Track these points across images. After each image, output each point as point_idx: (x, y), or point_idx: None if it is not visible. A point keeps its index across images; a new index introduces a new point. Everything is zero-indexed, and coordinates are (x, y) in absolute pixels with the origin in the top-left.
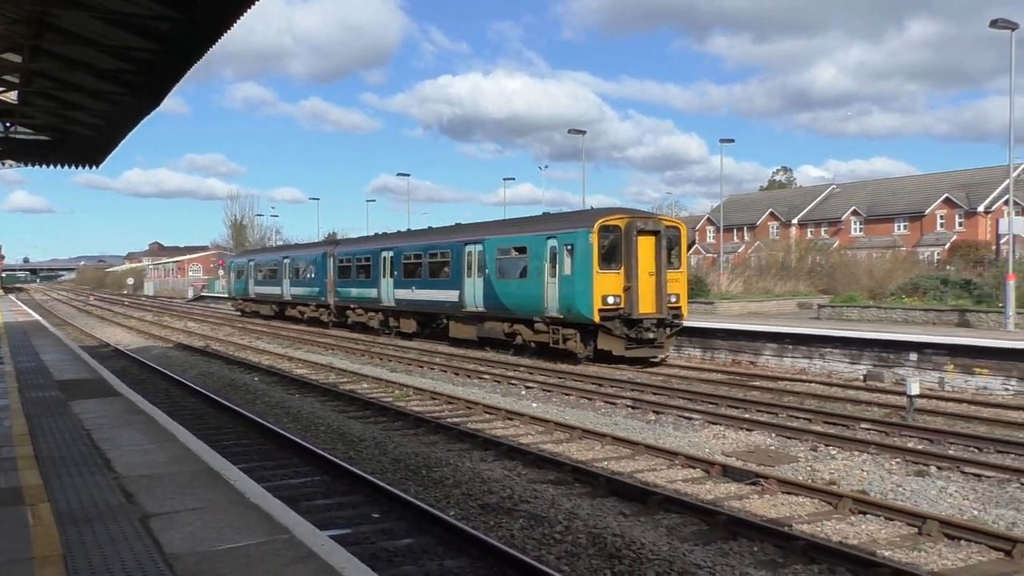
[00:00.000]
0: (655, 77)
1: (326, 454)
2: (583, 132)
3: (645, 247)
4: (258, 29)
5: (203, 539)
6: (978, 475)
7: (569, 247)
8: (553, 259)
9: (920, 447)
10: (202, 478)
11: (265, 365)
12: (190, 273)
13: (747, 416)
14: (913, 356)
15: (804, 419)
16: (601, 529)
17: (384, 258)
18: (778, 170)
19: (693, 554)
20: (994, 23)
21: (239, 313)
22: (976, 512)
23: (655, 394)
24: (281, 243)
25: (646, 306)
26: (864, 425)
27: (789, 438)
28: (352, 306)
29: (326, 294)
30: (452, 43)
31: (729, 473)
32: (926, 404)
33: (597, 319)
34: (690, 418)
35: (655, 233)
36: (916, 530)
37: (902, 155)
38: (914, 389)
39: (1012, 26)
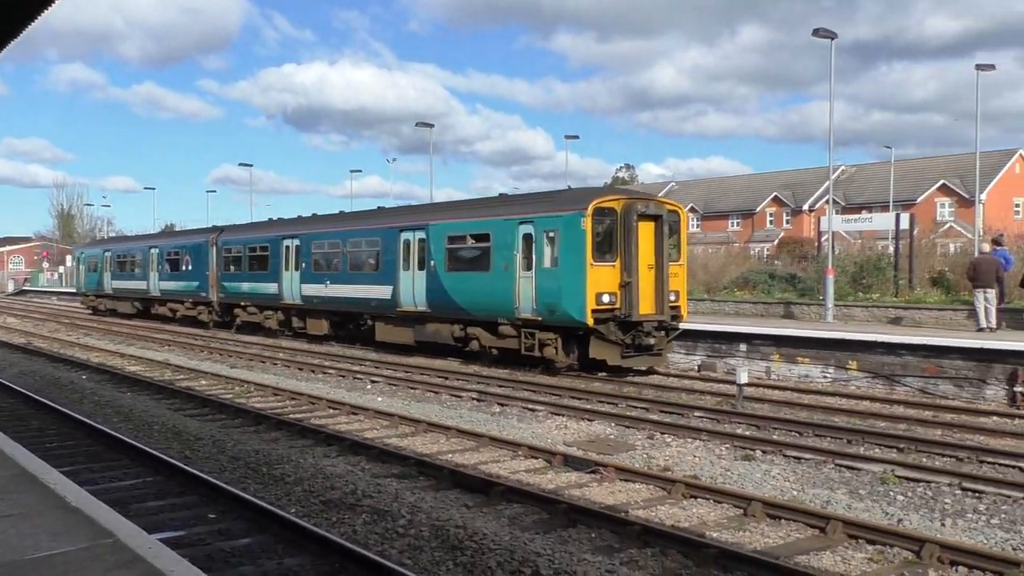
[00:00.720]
0: (503, 72)
1: (159, 454)
2: (431, 125)
3: (645, 235)
4: (84, 7)
5: (15, 547)
6: (798, 458)
7: (551, 234)
8: (528, 248)
9: (748, 433)
10: (18, 483)
11: (95, 363)
12: (10, 266)
13: (588, 407)
14: (743, 347)
15: (642, 409)
16: (444, 521)
17: (287, 247)
18: (621, 167)
19: (534, 543)
20: (816, 32)
21: (90, 312)
22: (795, 492)
23: (500, 386)
24: (115, 235)
25: (646, 306)
26: (697, 413)
27: (628, 427)
28: (243, 303)
29: (207, 289)
30: (296, 30)
31: (570, 462)
32: (754, 392)
33: (591, 322)
34: (534, 410)
35: (656, 218)
36: (742, 511)
37: (736, 155)
38: (743, 378)
39: (832, 35)
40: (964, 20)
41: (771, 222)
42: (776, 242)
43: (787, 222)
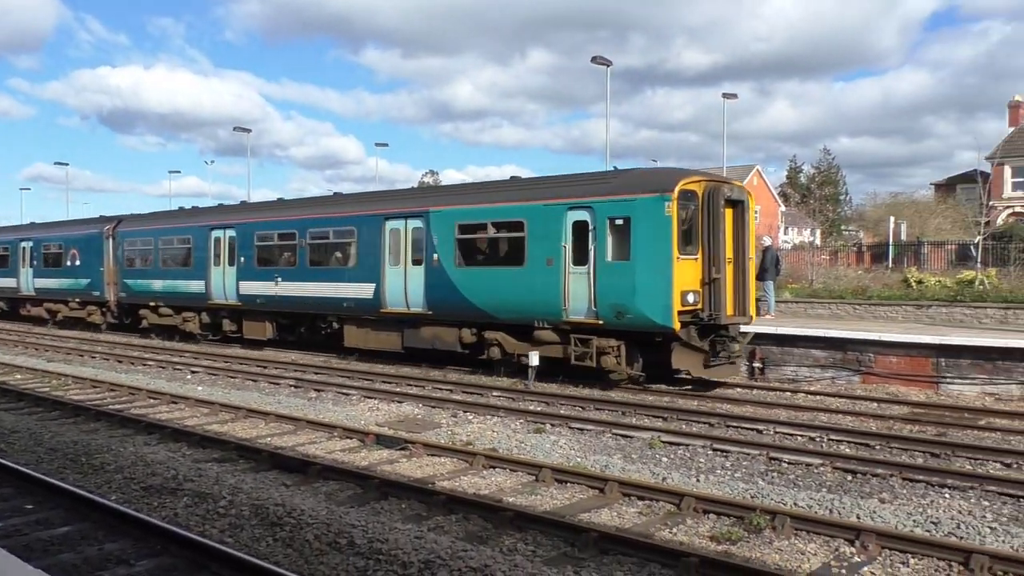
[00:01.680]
0: (315, 82)
1: None
2: (248, 130)
3: (727, 223)
4: None
5: None
6: (581, 429)
7: (618, 222)
8: (582, 239)
9: (539, 409)
10: None
11: None
12: None
13: (399, 390)
14: None
15: (447, 390)
16: (264, 500)
17: (218, 240)
18: (426, 172)
19: (349, 515)
20: (594, 59)
21: None
22: (579, 459)
23: (316, 374)
24: None
25: (729, 307)
26: (496, 393)
27: (434, 407)
28: (153, 304)
29: (102, 287)
30: (110, 34)
31: (382, 441)
32: (546, 369)
33: (677, 325)
34: (348, 394)
35: (736, 204)
36: (534, 478)
37: (527, 163)
38: (534, 360)
39: (607, 63)
40: (713, 55)
41: None
42: None
43: None
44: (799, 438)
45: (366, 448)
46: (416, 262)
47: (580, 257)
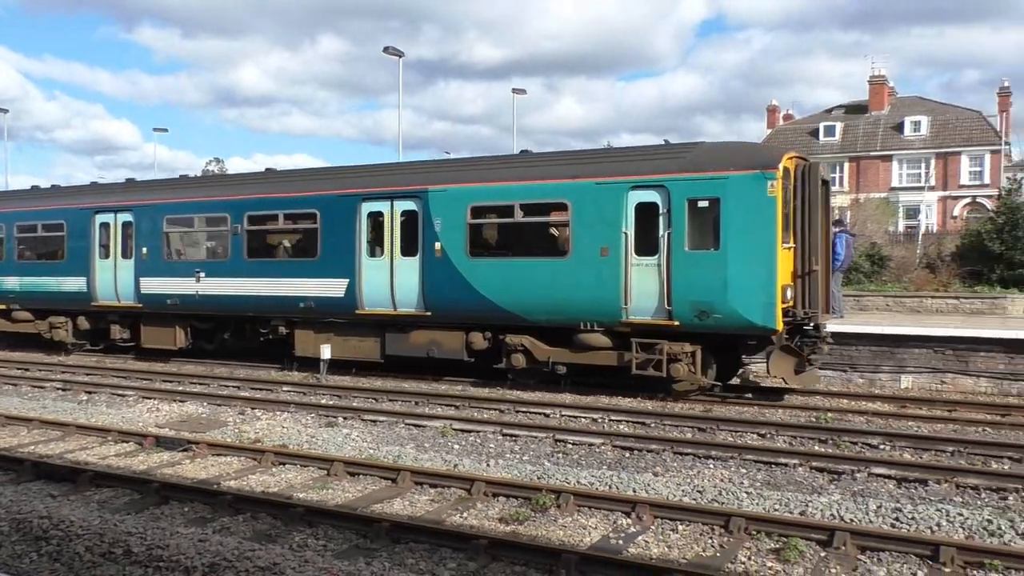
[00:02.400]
0: (82, 60)
1: None
2: (5, 111)
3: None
4: None
5: None
6: (375, 420)
7: (702, 203)
8: (647, 224)
9: (331, 402)
10: None
11: None
12: None
13: (181, 389)
14: None
15: (234, 387)
16: (27, 514)
17: (107, 226)
18: (211, 160)
19: (125, 523)
20: (386, 49)
21: None
22: (372, 451)
23: (88, 375)
24: None
25: (822, 303)
26: (286, 388)
27: (220, 405)
28: (5, 307)
29: None
30: None
31: (163, 443)
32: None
33: (780, 326)
34: (124, 395)
35: (823, 185)
36: (326, 472)
37: (319, 152)
38: (326, 354)
39: (399, 53)
40: (505, 50)
41: None
42: None
43: None
44: (583, 420)
45: (145, 451)
46: (407, 252)
47: (646, 246)
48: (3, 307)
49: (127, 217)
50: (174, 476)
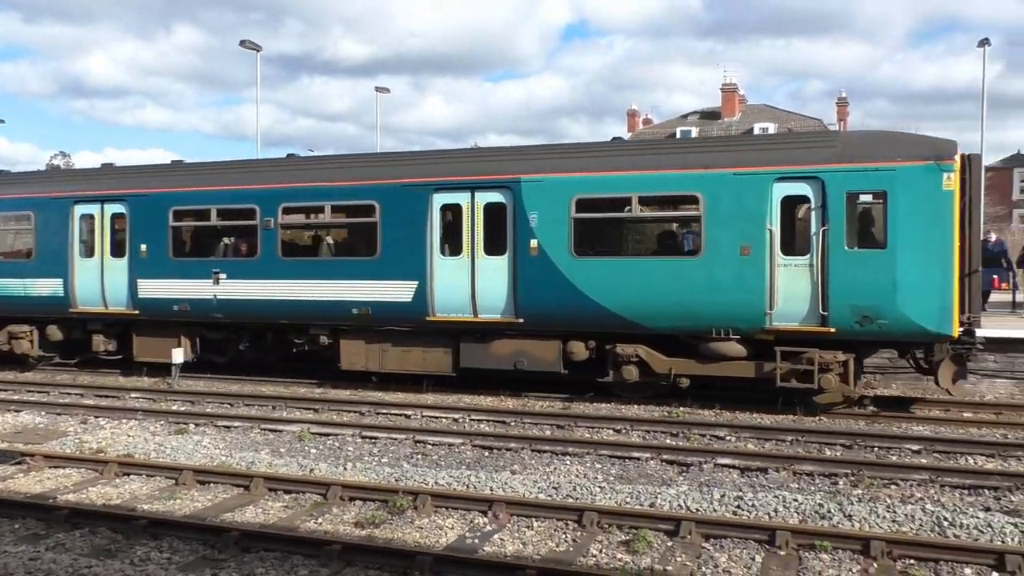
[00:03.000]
0: None
1: None
2: None
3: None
4: None
5: None
6: (228, 426)
7: (864, 197)
8: (795, 220)
9: (183, 409)
10: None
11: None
12: None
13: (17, 397)
14: None
15: (77, 395)
16: None
17: (88, 219)
18: (56, 154)
19: None
20: (243, 43)
21: None
22: (224, 458)
23: None
24: None
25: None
26: (134, 394)
27: (60, 414)
28: None
29: None
30: None
31: None
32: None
33: (956, 332)
34: None
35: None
36: (174, 481)
37: (176, 147)
38: (178, 358)
39: (257, 48)
40: (370, 47)
41: None
42: None
43: None
44: (444, 420)
45: None
46: (493, 251)
47: (794, 244)
48: None
49: (119, 208)
50: (4, 491)
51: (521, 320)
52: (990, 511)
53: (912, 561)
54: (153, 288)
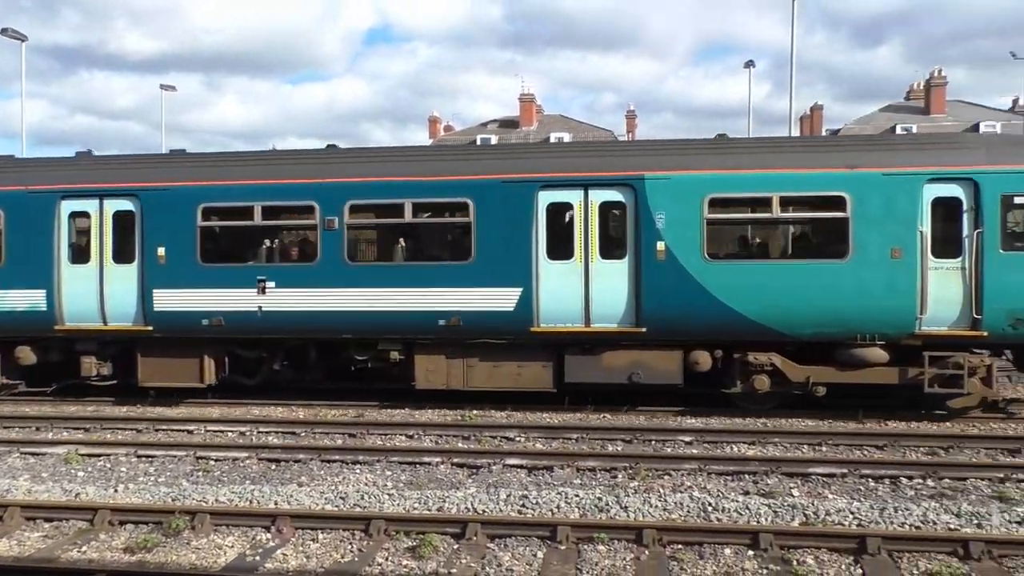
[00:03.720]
0: None
1: None
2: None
3: None
4: None
5: None
6: None
7: (1019, 200)
8: (947, 222)
9: None
10: None
11: None
12: None
13: None
14: None
15: None
16: None
17: (79, 217)
18: None
19: None
20: (5, 32)
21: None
22: None
23: None
24: None
25: None
26: None
27: None
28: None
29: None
30: None
31: None
32: None
33: None
34: None
35: None
36: None
37: None
38: None
39: (22, 37)
40: (160, 42)
41: None
42: None
43: None
44: (230, 434)
45: None
46: (610, 254)
47: (945, 247)
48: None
49: (124, 205)
50: None
51: (644, 329)
52: (749, 494)
53: (680, 546)
54: (175, 299)
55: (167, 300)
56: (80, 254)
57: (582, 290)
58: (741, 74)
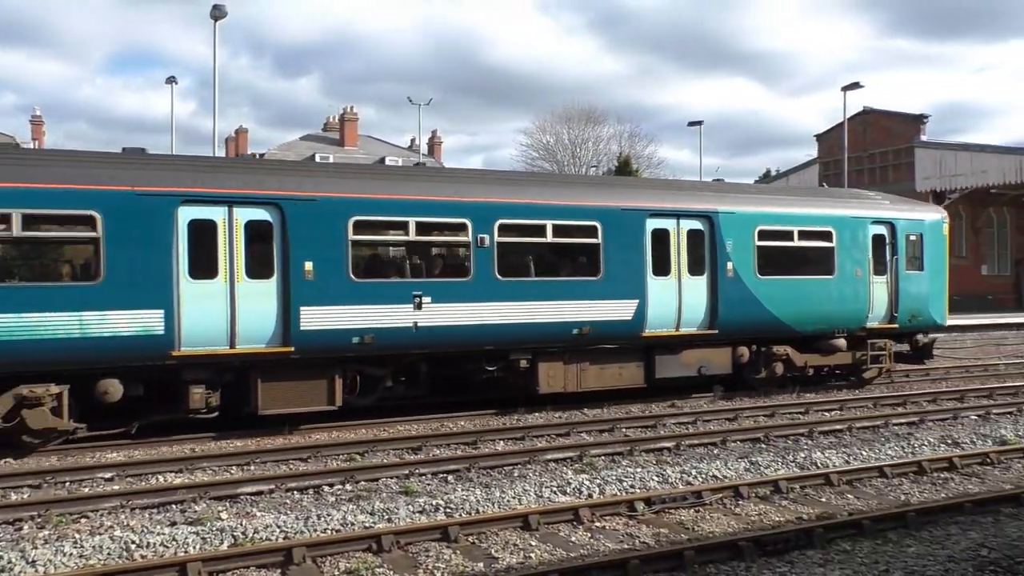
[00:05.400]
0: None
1: None
2: None
3: None
4: None
5: None
6: None
7: (913, 237)
8: (881, 251)
9: None
10: None
11: None
12: None
13: None
14: None
15: None
16: None
17: (209, 228)
18: None
19: None
20: None
21: None
22: None
23: None
24: None
25: None
26: None
27: None
28: None
29: None
30: None
31: None
32: None
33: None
34: None
35: None
36: None
37: None
38: None
39: None
40: None
41: None
42: None
43: None
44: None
45: None
46: (695, 272)
47: (881, 268)
48: None
49: (259, 214)
50: None
51: (716, 331)
52: (176, 525)
53: None
54: (324, 317)
55: (316, 318)
56: (203, 268)
57: (676, 300)
58: (165, 89)
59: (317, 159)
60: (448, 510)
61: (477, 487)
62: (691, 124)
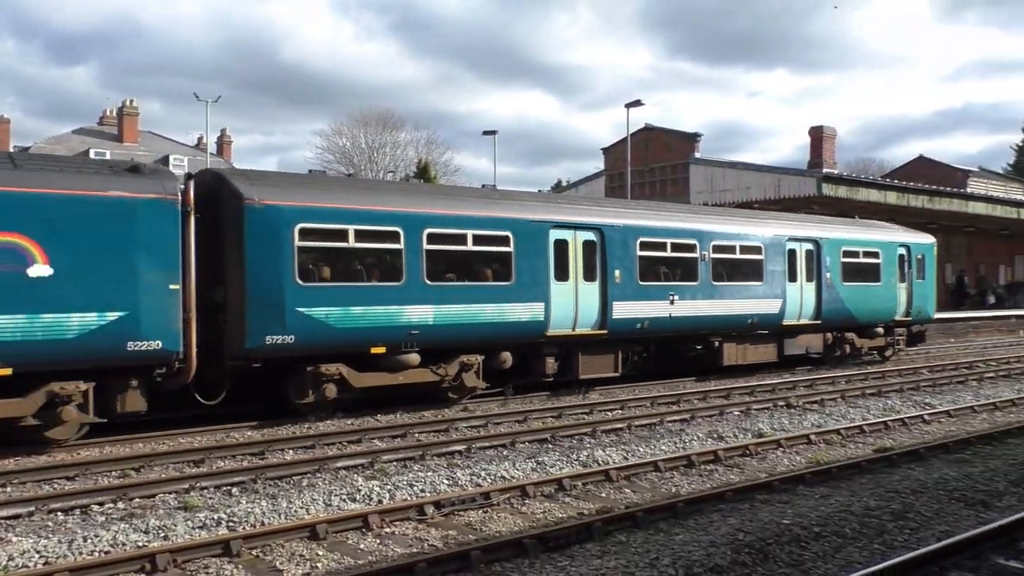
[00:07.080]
0: None
1: None
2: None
3: None
4: None
5: None
6: None
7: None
8: (904, 266)
9: None
10: None
11: None
12: None
13: None
14: None
15: None
16: None
17: (567, 244)
18: None
19: None
20: None
21: None
22: None
23: None
24: None
25: None
26: None
27: None
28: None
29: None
30: None
31: None
32: None
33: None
34: None
35: None
36: None
37: None
38: None
39: None
40: None
41: None
42: None
43: None
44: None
45: None
46: (808, 279)
47: (903, 277)
48: (381, 349)
49: (589, 236)
50: None
51: (819, 322)
52: None
53: None
54: (624, 309)
55: (620, 310)
56: (561, 273)
57: (799, 299)
58: None
59: (92, 155)
60: (231, 524)
61: (263, 499)
62: (485, 133)
